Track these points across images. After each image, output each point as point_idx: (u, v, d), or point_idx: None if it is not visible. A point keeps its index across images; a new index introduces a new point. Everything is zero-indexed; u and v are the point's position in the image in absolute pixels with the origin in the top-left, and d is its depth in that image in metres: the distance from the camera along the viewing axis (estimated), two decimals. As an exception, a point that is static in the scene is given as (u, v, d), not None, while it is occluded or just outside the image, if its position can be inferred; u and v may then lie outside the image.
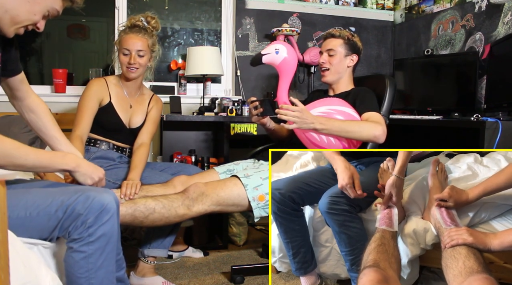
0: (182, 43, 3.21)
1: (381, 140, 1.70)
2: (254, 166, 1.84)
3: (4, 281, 0.79)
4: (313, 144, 1.75)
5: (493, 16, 2.51)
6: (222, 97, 2.93)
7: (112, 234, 1.12)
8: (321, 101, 1.85)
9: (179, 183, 1.80)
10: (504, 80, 2.14)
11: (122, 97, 2.02)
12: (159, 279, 1.87)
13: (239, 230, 2.54)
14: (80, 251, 1.08)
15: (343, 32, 1.98)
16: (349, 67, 1.98)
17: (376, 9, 3.42)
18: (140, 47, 1.94)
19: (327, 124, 1.67)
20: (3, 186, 0.78)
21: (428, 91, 2.74)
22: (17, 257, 0.91)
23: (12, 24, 1.12)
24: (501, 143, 1.73)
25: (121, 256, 1.31)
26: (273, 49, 1.77)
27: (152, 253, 1.88)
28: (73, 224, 1.07)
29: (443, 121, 2.14)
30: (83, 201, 1.07)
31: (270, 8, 3.15)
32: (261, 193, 1.66)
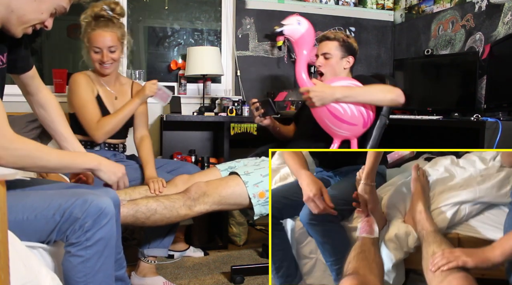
0: (182, 43, 3.21)
1: (402, 100, 1.71)
2: (255, 163, 1.83)
3: (4, 281, 0.79)
4: (336, 117, 1.71)
5: (493, 16, 2.51)
6: (222, 97, 2.93)
7: (111, 238, 1.12)
8: (339, 77, 1.84)
9: (181, 182, 1.81)
10: (504, 80, 2.14)
11: (105, 91, 2.01)
12: (160, 279, 1.87)
13: (239, 230, 2.54)
14: (78, 255, 1.07)
15: (338, 34, 1.96)
16: (346, 69, 1.98)
17: (376, 9, 3.42)
18: (111, 42, 1.89)
19: (348, 92, 1.67)
20: (3, 186, 0.78)
21: (428, 91, 2.74)
22: (17, 257, 0.91)
23: (19, 24, 1.11)
24: (501, 143, 1.73)
25: (121, 255, 1.31)
26: (295, 21, 1.71)
27: (152, 253, 1.88)
28: (70, 228, 1.06)
29: (443, 121, 2.14)
30: (80, 205, 1.07)
31: (270, 8, 3.15)
32: (261, 190, 1.66)
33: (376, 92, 1.70)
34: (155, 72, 3.16)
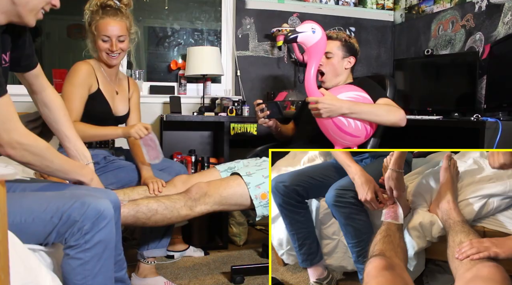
0: (182, 43, 3.21)
1: (404, 123, 1.74)
2: (256, 164, 1.83)
3: (4, 281, 0.79)
4: (340, 129, 1.72)
5: (493, 16, 2.51)
6: (222, 97, 2.92)
7: (110, 240, 1.11)
8: (344, 86, 1.84)
9: (179, 182, 1.81)
10: (504, 80, 2.14)
11: (107, 83, 1.93)
12: (161, 280, 1.87)
13: (239, 230, 2.54)
14: (77, 258, 1.07)
15: (340, 34, 1.97)
16: (347, 69, 1.98)
17: (376, 9, 3.42)
18: (120, 32, 1.84)
19: (355, 108, 1.68)
20: (3, 186, 0.78)
21: (428, 91, 2.74)
22: (17, 258, 0.91)
23: (27, 13, 1.10)
24: (501, 143, 1.73)
25: (122, 256, 1.31)
26: (309, 28, 1.68)
27: (150, 254, 1.87)
28: (69, 230, 1.06)
29: (443, 121, 2.14)
30: (78, 208, 1.06)
31: (270, 8, 3.15)
32: (263, 191, 1.66)
33: (381, 113, 1.71)
34: (155, 72, 3.16)
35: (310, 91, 1.70)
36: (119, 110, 1.97)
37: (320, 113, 1.66)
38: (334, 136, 1.76)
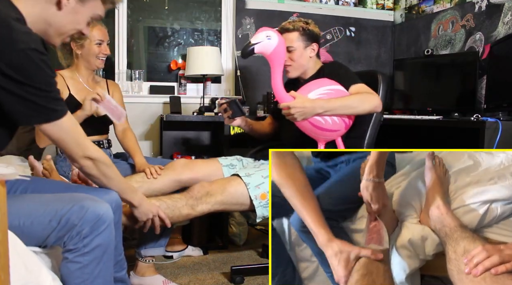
0: (182, 43, 3.21)
1: (380, 109, 1.71)
2: (255, 165, 1.84)
3: (4, 281, 0.79)
4: (318, 128, 1.70)
5: (493, 16, 2.51)
6: (222, 97, 2.92)
7: (109, 244, 1.11)
8: (314, 83, 1.79)
9: (179, 166, 1.81)
10: (504, 80, 2.14)
11: (81, 88, 2.00)
12: (159, 278, 1.87)
13: (239, 230, 2.54)
14: (75, 261, 1.06)
15: (296, 24, 1.87)
16: (312, 57, 1.92)
17: (376, 9, 3.42)
18: (108, 37, 1.99)
19: (328, 106, 1.64)
20: (3, 186, 0.78)
21: (428, 91, 2.74)
22: (17, 258, 0.91)
23: (57, 35, 1.13)
24: (501, 143, 1.73)
25: (122, 257, 1.31)
26: (264, 36, 1.63)
27: (149, 253, 1.87)
28: (68, 234, 1.05)
29: (443, 121, 2.14)
30: (77, 212, 1.05)
31: (270, 8, 3.15)
32: (263, 192, 1.66)
33: (355, 105, 1.67)
34: (155, 72, 3.16)
35: (280, 98, 1.66)
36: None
37: (294, 118, 1.64)
38: (314, 134, 1.75)
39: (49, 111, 1.03)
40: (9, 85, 0.95)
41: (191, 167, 1.82)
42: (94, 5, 1.15)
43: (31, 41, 0.97)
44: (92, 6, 1.15)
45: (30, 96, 0.98)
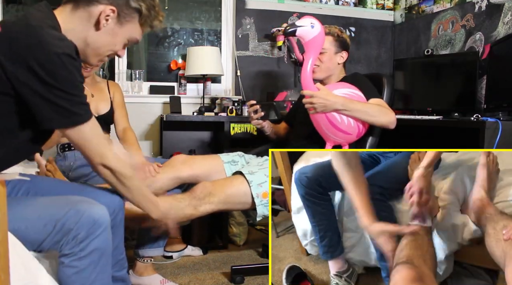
0: (182, 43, 3.21)
1: (393, 126, 1.75)
2: (258, 163, 1.83)
3: (4, 281, 0.79)
4: (333, 125, 1.72)
5: (493, 16, 2.51)
6: (222, 97, 2.92)
7: (106, 248, 1.09)
8: (339, 83, 1.84)
9: (178, 162, 1.81)
10: (504, 80, 2.14)
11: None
12: (157, 278, 1.87)
13: (239, 230, 2.54)
14: (72, 266, 1.04)
15: (332, 29, 1.95)
16: (340, 64, 1.98)
17: (376, 9, 3.42)
18: None
19: (349, 105, 1.68)
20: (3, 186, 0.78)
21: (428, 91, 2.73)
22: (17, 258, 0.91)
23: (95, 55, 1.16)
24: (501, 143, 1.73)
25: (123, 256, 1.31)
26: (308, 23, 1.69)
27: (147, 253, 1.87)
28: (64, 239, 1.03)
29: (443, 121, 2.13)
30: (73, 216, 1.03)
31: (270, 8, 3.15)
32: (265, 190, 1.67)
33: (374, 114, 1.72)
34: (155, 72, 3.16)
35: (306, 85, 1.70)
36: (99, 110, 2.07)
37: (314, 107, 1.67)
38: (326, 131, 1.76)
39: (72, 115, 1.03)
40: (37, 86, 0.96)
41: (190, 164, 1.82)
42: (132, 28, 1.16)
43: (65, 47, 0.99)
44: (130, 29, 1.16)
45: (56, 99, 0.98)
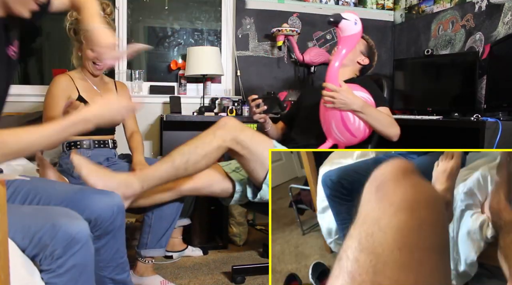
0: (182, 43, 3.21)
1: (396, 139, 1.80)
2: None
3: (4, 281, 0.79)
4: (344, 124, 1.73)
5: (493, 16, 2.51)
6: (222, 97, 2.93)
7: (86, 264, 1.03)
8: (356, 86, 1.85)
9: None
10: (504, 80, 2.14)
11: (90, 89, 2.02)
12: (157, 279, 1.88)
13: (239, 230, 2.54)
14: (51, 283, 0.98)
15: (366, 36, 2.07)
16: (357, 64, 2.03)
17: (376, 9, 3.42)
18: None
19: (365, 109, 1.72)
20: (3, 186, 0.78)
21: (428, 91, 2.74)
22: (17, 258, 0.91)
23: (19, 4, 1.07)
24: (501, 143, 1.73)
25: (124, 259, 1.30)
26: (353, 18, 1.72)
27: (149, 253, 1.87)
28: (41, 254, 0.98)
29: (443, 121, 2.14)
30: (49, 231, 0.97)
31: (270, 8, 3.15)
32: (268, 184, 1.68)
33: (385, 124, 1.77)
34: (155, 72, 3.16)
35: (331, 78, 1.70)
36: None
37: (333, 102, 1.68)
38: (334, 129, 1.76)
39: None
40: None
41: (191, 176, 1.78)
42: None
43: None
44: None
45: None
